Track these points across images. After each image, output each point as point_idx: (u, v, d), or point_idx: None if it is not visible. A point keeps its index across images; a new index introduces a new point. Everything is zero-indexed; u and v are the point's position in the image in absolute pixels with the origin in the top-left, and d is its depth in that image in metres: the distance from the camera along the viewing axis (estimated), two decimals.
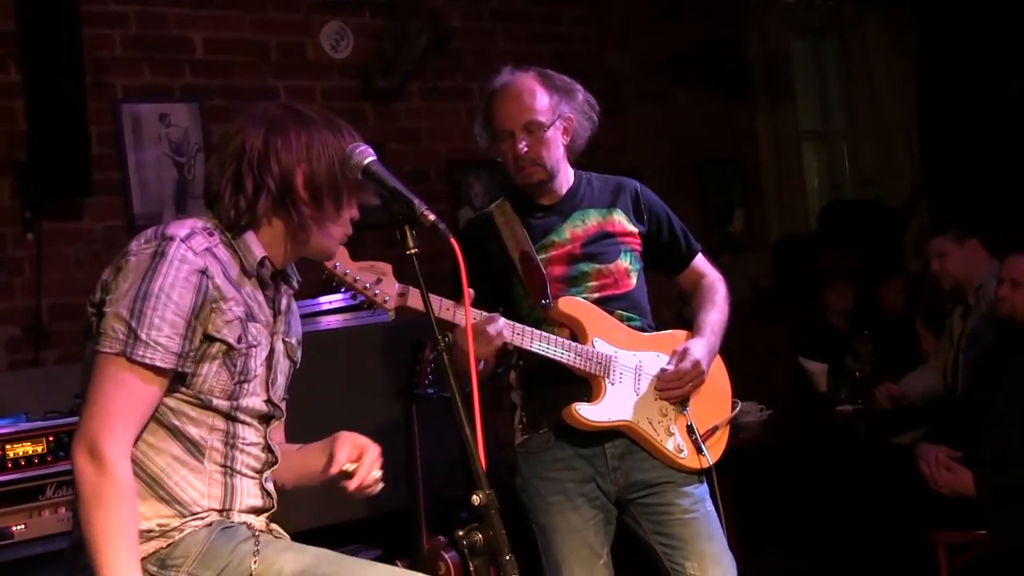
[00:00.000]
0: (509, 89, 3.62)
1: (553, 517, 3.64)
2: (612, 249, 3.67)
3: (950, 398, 5.49)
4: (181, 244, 2.48)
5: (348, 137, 2.65)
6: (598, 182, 3.78)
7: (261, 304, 2.66)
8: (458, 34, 6.77)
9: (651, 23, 7.57)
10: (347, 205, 2.69)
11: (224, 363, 2.54)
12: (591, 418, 3.51)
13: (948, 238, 5.71)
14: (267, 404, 2.69)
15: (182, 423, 2.55)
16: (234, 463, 2.63)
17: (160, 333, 2.43)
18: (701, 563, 3.57)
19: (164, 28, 5.81)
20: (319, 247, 2.73)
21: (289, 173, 2.58)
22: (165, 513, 2.54)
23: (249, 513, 2.68)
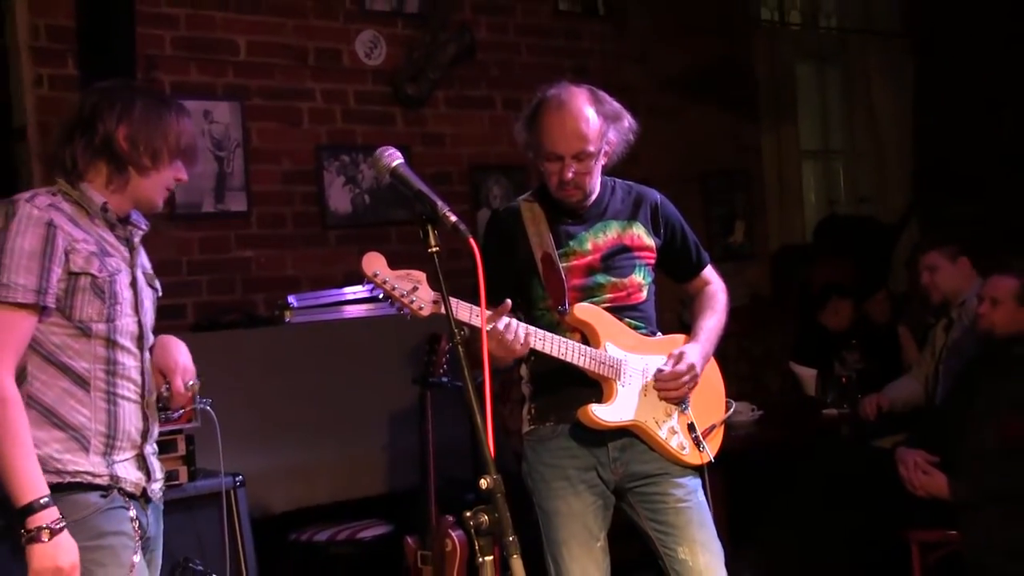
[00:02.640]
0: (566, 112, 3.52)
1: (556, 501, 3.64)
2: (628, 264, 3.66)
3: (929, 406, 5.48)
4: (26, 204, 2.73)
5: (174, 115, 2.91)
6: (621, 191, 3.76)
7: (112, 242, 2.88)
8: (484, 46, 6.78)
9: (667, 42, 7.58)
10: (165, 163, 2.89)
11: (93, 291, 2.76)
12: (605, 418, 3.52)
13: (942, 254, 5.68)
14: (138, 325, 2.89)
15: (69, 357, 2.76)
16: (116, 389, 2.82)
17: (17, 276, 2.67)
18: (692, 548, 3.58)
19: (211, 30, 5.84)
20: (141, 195, 2.90)
21: (111, 128, 2.81)
22: (59, 437, 2.74)
23: (131, 447, 2.86)
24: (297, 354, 5.17)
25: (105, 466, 2.77)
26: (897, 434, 5.46)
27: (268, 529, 4.71)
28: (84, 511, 2.72)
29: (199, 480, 4.28)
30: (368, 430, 5.18)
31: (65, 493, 2.70)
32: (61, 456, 2.72)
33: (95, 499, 2.75)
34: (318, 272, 5.99)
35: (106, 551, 2.72)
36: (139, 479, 2.86)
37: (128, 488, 2.82)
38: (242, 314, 5.53)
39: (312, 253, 6.06)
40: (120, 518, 2.78)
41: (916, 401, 5.67)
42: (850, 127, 8.87)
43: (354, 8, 6.30)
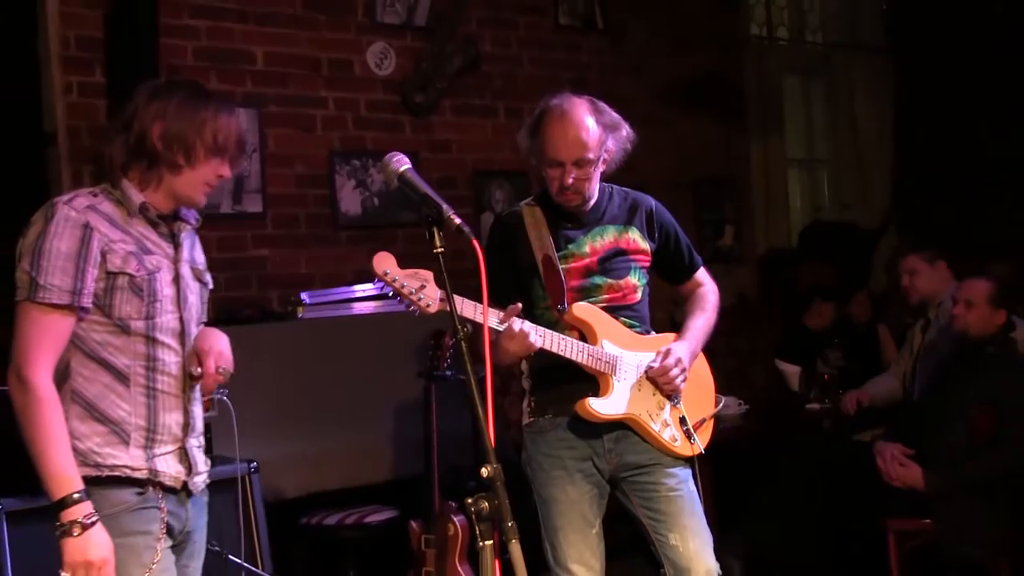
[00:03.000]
0: (568, 121, 3.54)
1: (553, 489, 3.65)
2: (624, 267, 3.68)
3: (906, 402, 5.49)
4: (63, 206, 2.67)
5: (211, 111, 2.80)
6: (619, 197, 3.77)
7: (155, 240, 2.81)
8: (488, 58, 6.77)
9: (661, 56, 7.57)
10: (200, 161, 2.79)
11: (131, 290, 2.71)
12: (602, 411, 3.53)
13: (921, 257, 5.69)
14: (179, 321, 2.83)
15: (109, 354, 2.72)
16: (156, 384, 2.77)
17: (53, 277, 2.62)
18: (682, 535, 3.59)
19: (230, 42, 5.84)
20: (179, 192, 2.82)
21: (146, 127, 2.74)
22: (100, 431, 2.70)
23: (172, 440, 2.80)
24: (309, 348, 5.18)
25: (145, 460, 2.73)
26: (876, 428, 5.48)
27: (281, 513, 4.72)
28: (116, 507, 2.68)
29: (216, 467, 4.24)
30: (375, 420, 5.19)
31: (101, 487, 2.67)
32: (101, 450, 2.69)
33: (129, 496, 2.71)
34: (329, 270, 6.00)
35: (128, 549, 2.67)
36: (179, 472, 2.81)
37: (167, 482, 2.77)
38: (257, 310, 5.52)
39: (324, 252, 6.06)
40: (149, 518, 2.73)
41: (894, 397, 5.68)
42: (834, 137, 8.86)
43: (365, 21, 6.30)
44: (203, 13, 5.77)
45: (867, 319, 6.78)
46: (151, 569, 2.69)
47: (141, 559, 2.68)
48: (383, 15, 6.36)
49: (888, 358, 6.29)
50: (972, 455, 4.70)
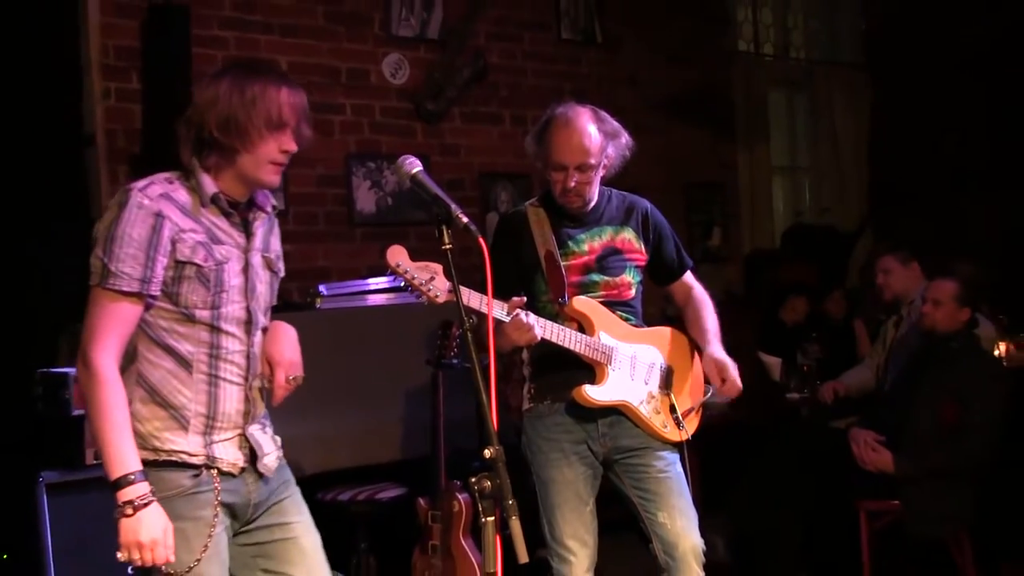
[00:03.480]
0: (572, 128, 3.53)
1: (551, 470, 3.65)
2: (620, 265, 3.67)
3: (879, 392, 5.48)
4: (138, 193, 2.55)
5: (260, 87, 2.61)
6: (616, 199, 3.76)
7: (227, 229, 2.67)
8: (495, 69, 6.78)
9: (655, 68, 7.57)
10: (256, 141, 2.61)
11: (198, 280, 2.59)
12: (597, 398, 3.54)
13: (896, 258, 5.68)
14: (246, 311, 2.70)
15: (175, 340, 2.60)
16: (218, 372, 2.65)
17: (123, 264, 2.51)
18: (671, 514, 3.59)
19: (257, 51, 5.83)
20: (247, 176, 2.66)
21: (204, 119, 2.60)
22: (161, 415, 2.60)
23: (232, 427, 2.69)
24: (326, 337, 5.17)
25: (203, 446, 2.62)
26: (850, 416, 5.47)
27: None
28: (169, 490, 2.57)
29: None
30: (387, 404, 5.19)
31: (158, 469, 2.57)
32: (160, 434, 2.59)
33: (184, 480, 2.59)
34: (345, 264, 6.00)
35: (179, 534, 2.54)
36: (237, 459, 2.68)
37: (224, 468, 2.65)
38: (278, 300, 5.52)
39: (340, 248, 6.06)
40: (202, 503, 2.61)
41: (868, 388, 5.67)
42: (815, 147, 8.87)
43: (382, 34, 6.31)
44: (232, 25, 5.78)
45: (843, 315, 6.78)
46: (200, 556, 2.58)
47: (190, 545, 2.57)
48: (398, 28, 6.37)
49: (863, 351, 6.29)
50: (938, 442, 4.71)
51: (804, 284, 6.96)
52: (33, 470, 3.92)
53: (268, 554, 2.75)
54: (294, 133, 2.66)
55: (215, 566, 2.61)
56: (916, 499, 4.69)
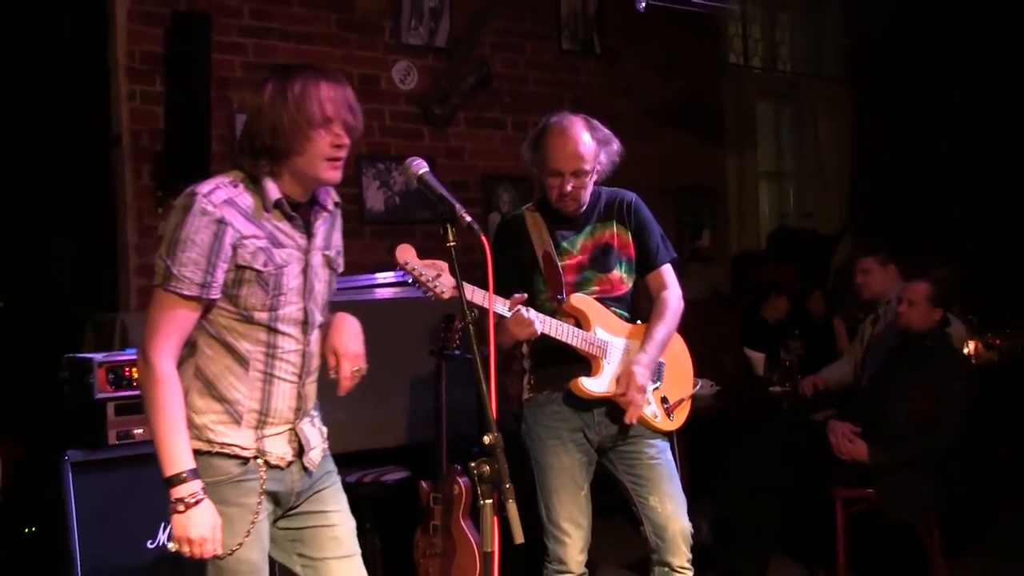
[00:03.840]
0: (567, 136, 3.53)
1: (549, 456, 3.66)
2: (611, 261, 3.66)
3: (856, 387, 5.49)
4: (202, 199, 2.47)
5: (299, 87, 2.51)
6: (606, 196, 3.73)
7: (289, 232, 2.60)
8: (499, 77, 6.79)
9: (650, 78, 7.58)
10: (305, 141, 2.51)
11: (258, 283, 2.53)
12: (593, 390, 3.54)
13: (875, 260, 5.68)
14: (303, 311, 2.63)
15: (234, 338, 2.56)
16: (273, 370, 2.60)
17: (185, 269, 2.45)
18: (661, 498, 3.60)
19: (274, 57, 5.84)
20: (305, 175, 2.58)
21: (254, 127, 2.52)
22: (217, 408, 2.57)
23: (283, 423, 2.65)
24: None
25: (254, 440, 2.58)
26: (829, 409, 5.47)
27: None
28: (218, 476, 2.54)
29: None
30: (392, 392, 5.19)
31: (210, 457, 2.55)
32: (215, 427, 2.55)
33: (232, 468, 2.56)
34: (355, 260, 5.92)
35: (226, 516, 2.52)
36: (286, 453, 2.64)
37: (273, 461, 2.61)
38: None
39: (350, 244, 5.95)
40: (248, 491, 2.58)
41: (846, 382, 5.68)
42: (799, 154, 8.87)
43: (392, 42, 6.31)
44: (250, 32, 5.79)
45: (823, 313, 6.79)
46: (243, 541, 2.56)
47: (234, 528, 2.54)
48: (407, 37, 6.37)
49: (842, 348, 6.29)
50: (911, 434, 4.72)
51: (787, 284, 6.97)
52: (59, 449, 3.92)
53: (304, 540, 2.73)
54: (342, 125, 2.55)
55: (255, 551, 2.59)
56: (889, 488, 4.70)
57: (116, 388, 3.98)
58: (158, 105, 5.41)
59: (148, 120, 5.41)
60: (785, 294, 6.74)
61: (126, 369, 3.99)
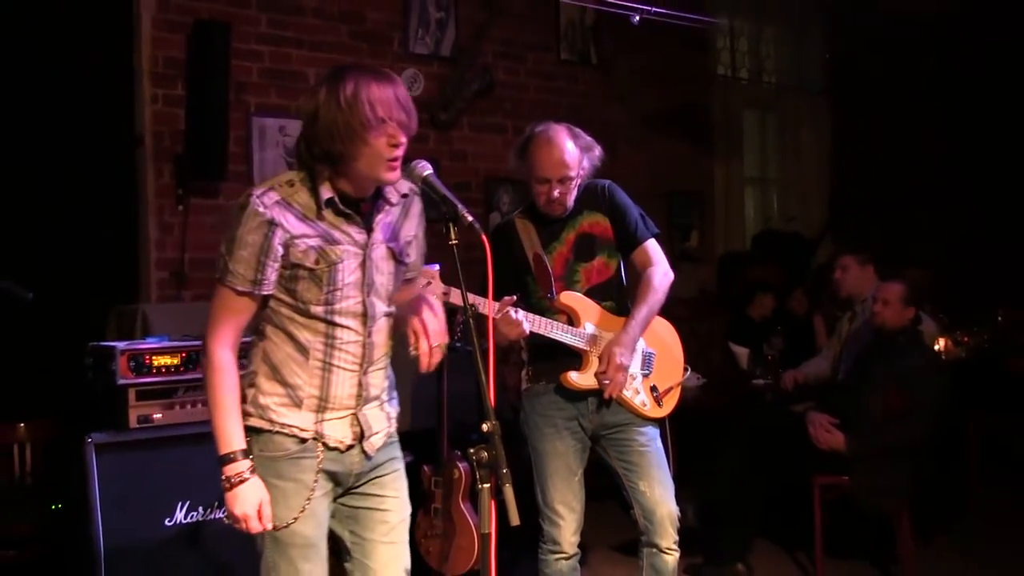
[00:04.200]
0: (553, 145, 3.52)
1: (545, 443, 3.66)
2: (593, 247, 3.65)
3: (834, 380, 5.49)
4: (256, 200, 2.45)
5: (352, 91, 2.42)
6: (584, 189, 3.69)
7: (345, 229, 2.53)
8: (501, 85, 6.80)
9: (643, 88, 7.58)
10: (360, 143, 2.43)
11: (311, 280, 2.49)
12: (580, 383, 3.55)
13: (855, 259, 5.68)
14: (361, 304, 2.57)
15: (295, 328, 2.54)
16: (332, 359, 2.56)
17: (238, 266, 2.46)
18: (650, 483, 3.60)
19: (288, 64, 5.86)
20: (364, 175, 2.50)
21: (312, 133, 2.46)
22: (279, 392, 2.56)
23: (344, 408, 2.60)
24: None
25: (313, 423, 2.56)
26: (808, 401, 5.48)
27: None
28: (276, 452, 2.54)
29: None
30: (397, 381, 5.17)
31: (271, 434, 2.54)
32: (277, 408, 2.54)
33: (290, 445, 2.55)
34: None
35: (280, 491, 2.52)
36: (345, 436, 2.59)
37: (331, 443, 2.58)
38: None
39: None
40: (304, 468, 2.56)
41: (824, 376, 5.68)
42: (782, 161, 8.88)
43: (400, 50, 6.31)
44: (267, 40, 5.79)
45: (804, 311, 6.78)
46: (297, 516, 2.54)
47: (289, 502, 2.53)
48: (415, 46, 6.38)
49: (821, 344, 6.30)
50: (885, 425, 4.72)
51: (770, 283, 6.96)
52: (83, 432, 3.92)
53: (358, 518, 2.70)
54: (397, 124, 2.46)
55: (310, 526, 2.57)
56: (864, 475, 4.71)
57: (137, 375, 3.98)
58: (179, 108, 5.41)
59: (170, 122, 5.42)
60: (770, 293, 6.74)
61: (146, 357, 3.99)
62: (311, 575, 2.56)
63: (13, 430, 4.68)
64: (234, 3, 5.66)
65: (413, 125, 2.50)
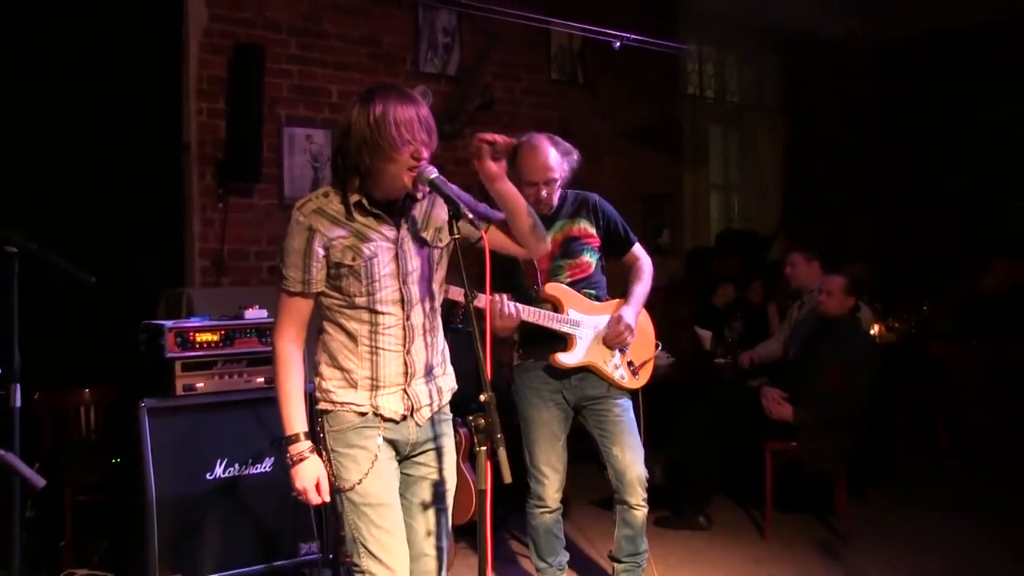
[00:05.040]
0: (538, 152, 3.52)
1: (532, 412, 3.68)
2: (578, 249, 3.67)
3: (784, 360, 5.52)
4: (297, 212, 2.50)
5: (382, 110, 2.41)
6: (570, 197, 3.71)
7: (376, 227, 2.52)
8: (499, 101, 6.78)
9: (623, 105, 7.57)
10: (389, 158, 2.41)
11: (352, 275, 2.49)
12: (568, 362, 3.57)
13: (803, 256, 5.69)
14: (399, 292, 2.54)
15: (344, 320, 2.55)
16: (377, 343, 2.55)
17: (289, 270, 2.51)
18: (622, 449, 3.62)
19: (314, 81, 5.85)
20: (390, 185, 2.48)
21: (344, 148, 2.46)
22: (337, 375, 2.56)
23: (394, 385, 2.57)
24: None
25: (368, 399, 2.54)
26: (762, 378, 5.49)
27: None
28: (342, 425, 2.54)
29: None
30: None
31: (336, 412, 2.54)
32: (336, 390, 2.55)
33: (352, 418, 2.54)
34: None
35: (350, 458, 2.52)
36: (398, 408, 2.56)
37: (387, 415, 2.55)
38: None
39: None
40: (367, 435, 2.54)
41: (776, 356, 5.69)
42: (743, 170, 8.88)
43: (412, 69, 6.30)
44: (296, 60, 5.79)
45: (760, 300, 6.80)
46: (365, 475, 2.52)
47: (359, 466, 2.52)
48: (425, 67, 6.37)
49: (774, 328, 6.31)
50: (827, 398, 4.74)
51: (731, 275, 6.97)
52: (137, 398, 3.94)
53: (408, 485, 2.67)
54: (420, 144, 2.44)
55: (378, 485, 2.53)
56: (809, 441, 4.73)
57: (182, 349, 3.99)
58: (220, 120, 5.42)
59: (212, 131, 5.42)
60: (731, 283, 6.74)
61: (191, 334, 4.01)
62: (389, 532, 2.52)
63: (80, 395, 4.74)
64: (268, 29, 5.66)
65: (434, 142, 2.49)
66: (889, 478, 5.89)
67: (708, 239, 8.44)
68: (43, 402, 4.59)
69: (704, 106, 8.39)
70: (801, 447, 4.75)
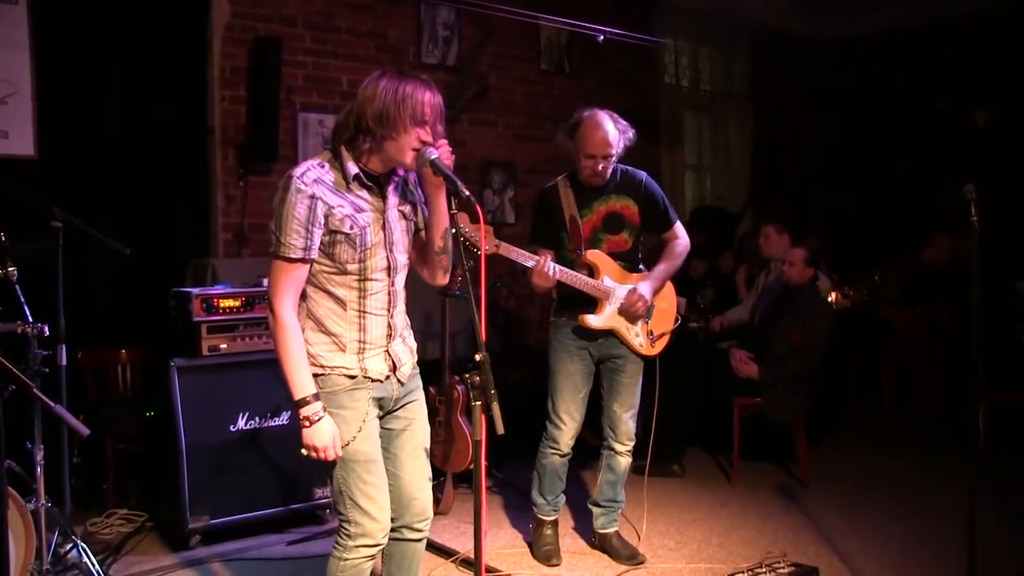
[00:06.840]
0: (600, 127, 3.47)
1: (559, 364, 3.68)
2: (619, 224, 3.63)
3: (751, 324, 5.53)
4: (297, 180, 2.36)
5: (409, 89, 2.37)
6: (620, 173, 3.64)
7: (367, 199, 2.45)
8: (493, 89, 6.72)
9: (606, 92, 7.48)
10: (402, 132, 2.37)
11: (347, 243, 2.41)
12: (594, 324, 3.56)
13: (775, 228, 5.69)
14: (386, 259, 2.48)
15: (333, 286, 2.45)
16: (365, 308, 2.48)
17: (289, 238, 2.35)
18: (621, 406, 3.70)
19: (327, 72, 5.79)
20: (391, 157, 2.42)
21: (363, 110, 2.38)
22: (325, 340, 2.46)
23: (378, 347, 2.51)
24: None
25: (357, 362, 2.47)
26: (731, 340, 5.51)
27: None
28: (335, 388, 2.45)
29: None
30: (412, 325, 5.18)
31: (326, 376, 2.45)
32: (325, 354, 2.45)
33: (343, 381, 2.46)
34: None
35: (343, 418, 2.43)
36: (382, 369, 2.51)
37: (374, 376, 2.49)
38: None
39: None
40: (358, 397, 2.47)
41: (744, 321, 5.71)
42: (714, 152, 8.83)
43: (415, 60, 6.24)
44: (310, 52, 5.72)
45: (729, 270, 6.79)
46: (357, 434, 2.45)
47: (350, 427, 2.45)
48: (427, 57, 6.31)
49: (742, 296, 6.32)
50: (788, 358, 4.75)
51: (704, 248, 6.96)
52: (168, 357, 3.94)
53: (389, 438, 2.61)
54: (431, 128, 2.41)
55: (367, 443, 2.48)
56: (772, 397, 4.75)
57: (208, 314, 4.00)
58: (241, 106, 5.37)
59: (234, 117, 5.37)
60: (704, 255, 6.73)
61: (215, 300, 4.02)
62: (375, 485, 2.48)
63: (118, 355, 4.75)
64: (285, 23, 5.59)
65: (442, 131, 2.46)
66: (841, 426, 5.93)
67: (683, 215, 8.38)
68: (86, 360, 4.59)
69: (679, 94, 8.32)
70: (765, 402, 4.77)
